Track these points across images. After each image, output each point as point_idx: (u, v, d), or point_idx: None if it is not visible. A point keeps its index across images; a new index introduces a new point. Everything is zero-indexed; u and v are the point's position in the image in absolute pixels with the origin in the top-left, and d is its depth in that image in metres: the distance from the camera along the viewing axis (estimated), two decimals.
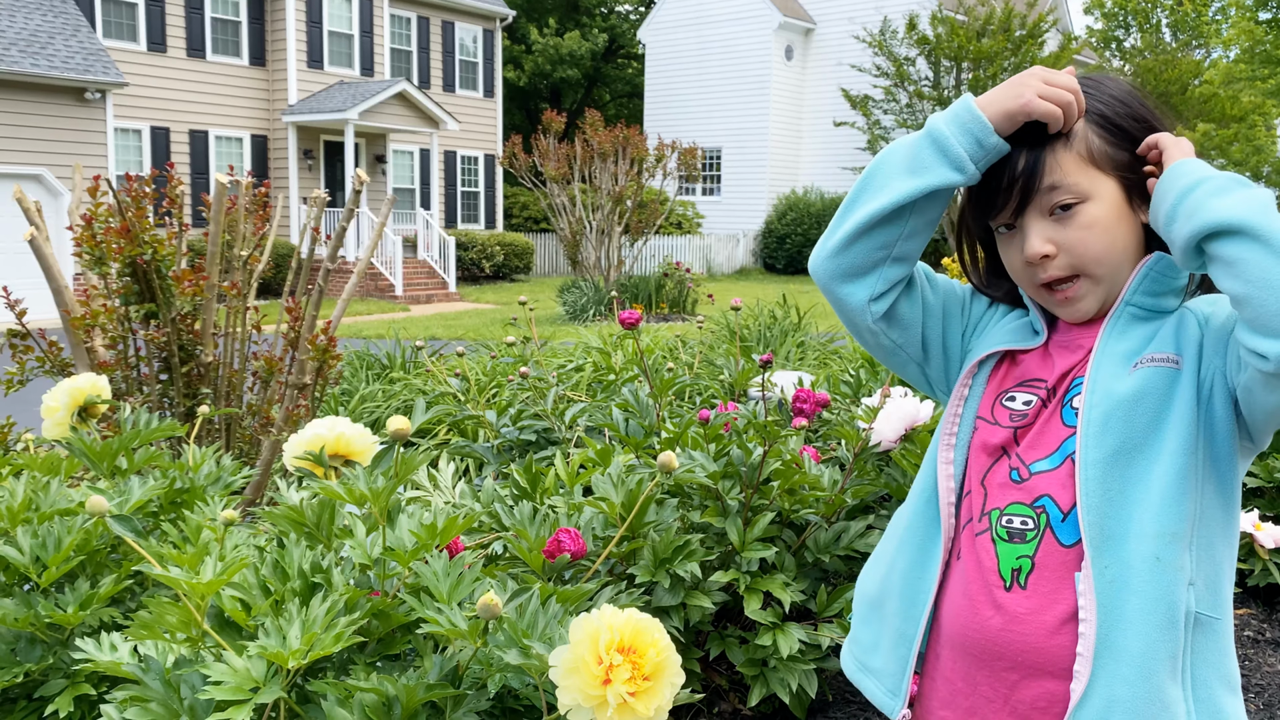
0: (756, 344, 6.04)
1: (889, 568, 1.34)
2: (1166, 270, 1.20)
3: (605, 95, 39.87)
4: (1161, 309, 1.21)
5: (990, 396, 1.29)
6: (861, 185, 1.26)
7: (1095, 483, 1.15)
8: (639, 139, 16.59)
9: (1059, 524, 1.18)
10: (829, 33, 27.19)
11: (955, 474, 1.29)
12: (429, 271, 20.83)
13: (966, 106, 1.20)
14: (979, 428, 1.28)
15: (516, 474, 2.14)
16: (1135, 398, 1.15)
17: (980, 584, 1.22)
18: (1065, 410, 1.22)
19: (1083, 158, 1.19)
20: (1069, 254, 1.19)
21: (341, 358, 3.14)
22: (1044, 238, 1.19)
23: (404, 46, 23.34)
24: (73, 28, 16.59)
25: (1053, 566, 1.17)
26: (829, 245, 1.28)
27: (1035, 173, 1.18)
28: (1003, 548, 1.21)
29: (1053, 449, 1.21)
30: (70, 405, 2.00)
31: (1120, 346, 1.19)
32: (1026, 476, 1.21)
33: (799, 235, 25.51)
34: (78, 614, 1.54)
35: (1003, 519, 1.22)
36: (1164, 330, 1.19)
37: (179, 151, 19.51)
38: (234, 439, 3.26)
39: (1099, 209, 1.19)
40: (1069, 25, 29.63)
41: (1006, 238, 1.25)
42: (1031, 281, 1.23)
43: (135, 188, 2.90)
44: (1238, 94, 26.49)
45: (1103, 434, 1.16)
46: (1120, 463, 1.15)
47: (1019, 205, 1.20)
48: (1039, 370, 1.28)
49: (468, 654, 1.38)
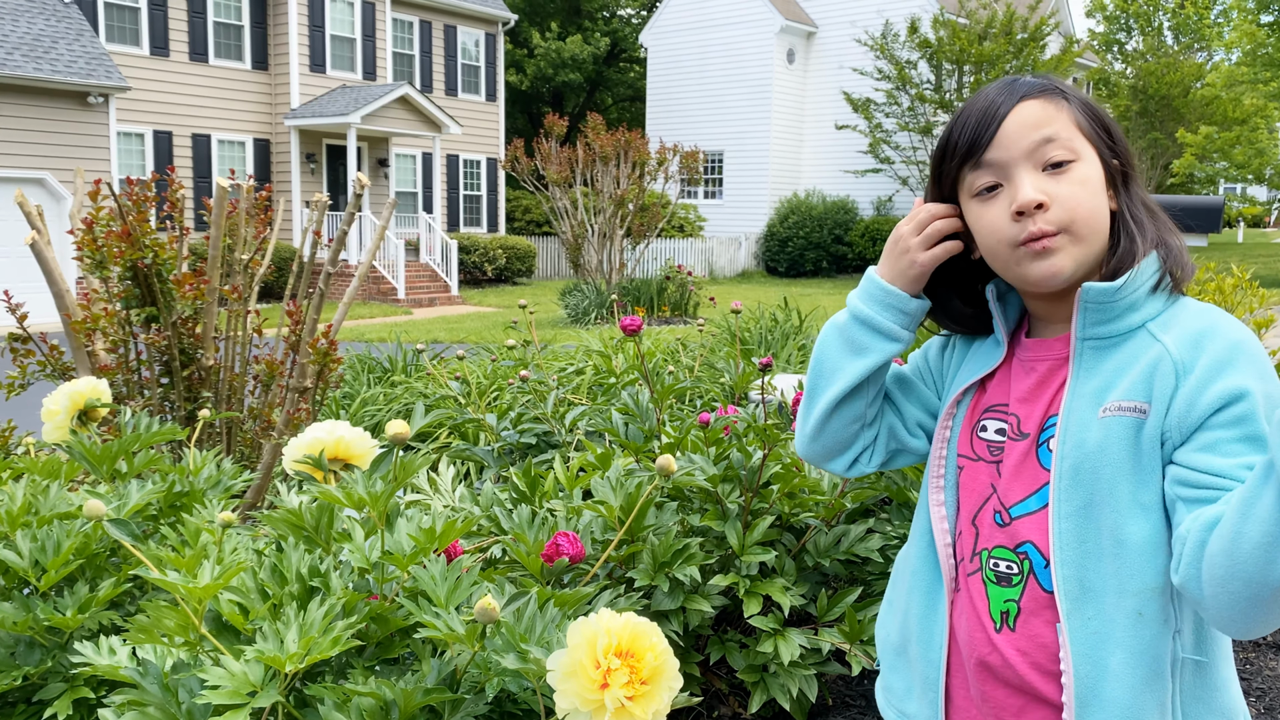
0: (758, 347, 6.04)
1: (905, 613, 1.34)
2: (1099, 297, 1.15)
3: (607, 99, 39.91)
4: (1121, 331, 1.16)
5: (966, 430, 1.28)
6: (814, 375, 1.32)
7: (1070, 535, 1.13)
8: (641, 142, 16.60)
9: (1041, 570, 1.17)
10: (830, 36, 27.21)
11: (949, 514, 1.28)
12: (431, 275, 20.85)
13: (877, 284, 1.27)
14: (964, 466, 1.27)
15: (515, 477, 2.14)
16: (1101, 449, 1.12)
17: (976, 622, 1.23)
18: (1041, 451, 1.19)
19: (1074, 123, 1.18)
20: (1061, 207, 1.14)
21: (342, 361, 3.15)
22: (1038, 188, 1.14)
23: (406, 50, 23.37)
24: (76, 32, 16.63)
25: (1038, 611, 1.17)
26: (805, 433, 1.35)
27: (1030, 120, 1.17)
28: (992, 589, 1.21)
29: (1031, 491, 1.19)
30: (70, 409, 2.01)
31: (1089, 385, 1.15)
32: (1008, 521, 1.20)
33: (801, 238, 25.50)
34: (76, 617, 1.54)
35: (990, 560, 1.22)
36: (1136, 368, 1.13)
37: (181, 155, 19.55)
38: (235, 443, 3.26)
39: (1090, 171, 1.17)
40: (1071, 28, 29.65)
41: (986, 200, 1.19)
42: (1012, 240, 1.16)
43: (136, 192, 2.90)
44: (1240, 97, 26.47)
45: (1074, 486, 1.13)
46: (1093, 515, 1.13)
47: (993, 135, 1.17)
48: (1001, 394, 1.27)
49: (466, 658, 1.38)
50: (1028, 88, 1.19)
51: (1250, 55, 23.81)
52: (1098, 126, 1.20)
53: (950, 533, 1.28)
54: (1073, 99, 1.20)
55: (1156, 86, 27.61)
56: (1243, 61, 24.98)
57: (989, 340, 1.31)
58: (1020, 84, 1.20)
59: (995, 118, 1.17)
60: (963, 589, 1.26)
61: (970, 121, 1.19)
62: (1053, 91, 1.19)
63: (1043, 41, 22.55)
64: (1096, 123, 1.20)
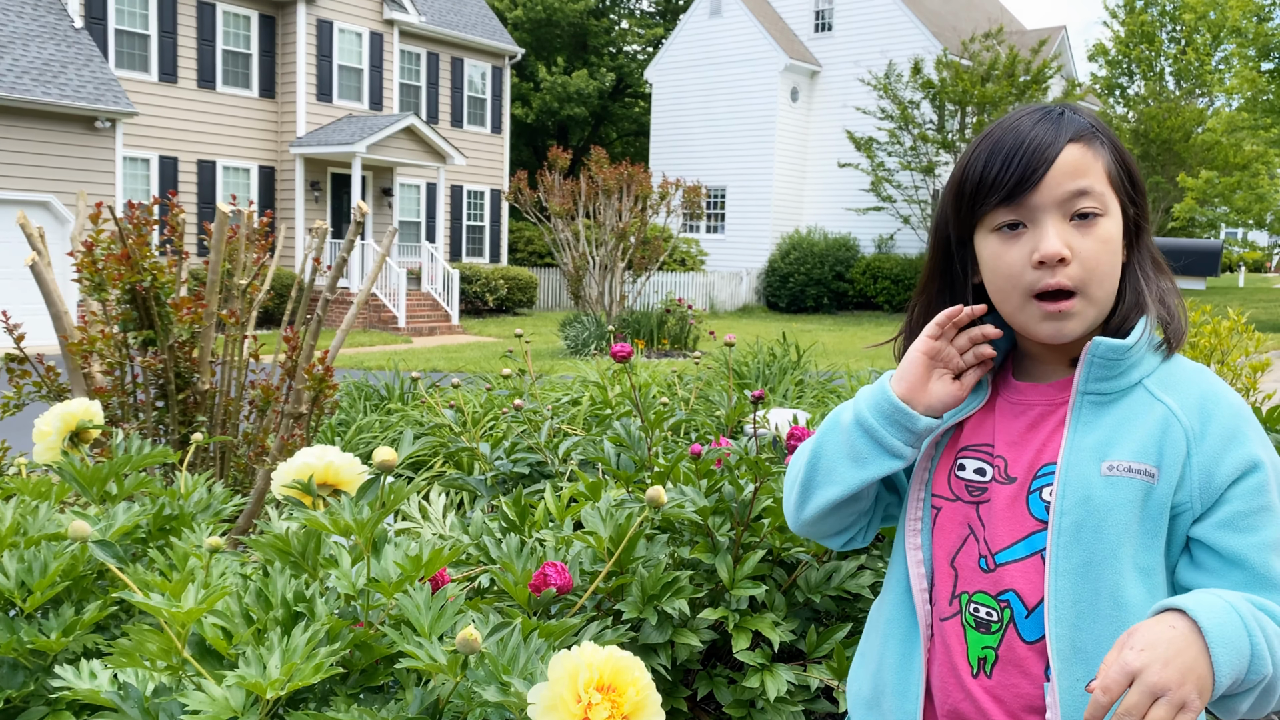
0: (755, 381, 6.05)
1: (879, 663, 1.29)
2: (1109, 354, 1.14)
3: (612, 133, 40.21)
4: (1122, 388, 1.15)
5: (943, 470, 1.26)
6: (811, 469, 1.26)
7: (1066, 593, 1.12)
8: (643, 176, 16.71)
9: (1022, 620, 1.15)
10: (834, 75, 27.47)
11: (924, 559, 1.25)
12: (432, 304, 20.90)
13: (888, 399, 1.20)
14: (941, 507, 1.25)
15: (506, 506, 2.14)
16: (1107, 509, 1.10)
17: (949, 667, 1.21)
18: (1033, 499, 1.16)
19: (1106, 173, 1.15)
20: (1082, 264, 1.11)
21: (338, 387, 3.15)
22: (1064, 240, 1.11)
23: (413, 81, 23.59)
24: (85, 57, 16.79)
25: (1015, 661, 1.16)
26: (798, 519, 1.30)
27: (1069, 167, 1.12)
28: (971, 634, 1.19)
29: (1019, 538, 1.17)
30: (62, 430, 2.01)
31: (1089, 439, 1.13)
32: (993, 567, 1.18)
33: (802, 274, 25.58)
34: (61, 640, 1.53)
35: (971, 605, 1.20)
36: (1139, 428, 1.12)
37: (186, 181, 19.67)
38: (228, 467, 3.26)
39: (1113, 228, 1.14)
40: (1073, 71, 29.93)
41: (1005, 239, 1.15)
42: (1026, 289, 1.13)
43: (137, 215, 2.92)
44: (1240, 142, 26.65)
45: (1074, 544, 1.11)
46: (1092, 575, 1.11)
47: (1031, 185, 1.12)
48: (981, 434, 1.24)
49: (448, 688, 1.37)
50: (1075, 129, 1.14)
51: (1251, 101, 24.00)
52: (1124, 175, 1.17)
53: (926, 577, 1.25)
54: (1107, 143, 1.16)
55: (1158, 131, 27.81)
56: (1243, 107, 25.18)
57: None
58: (1067, 122, 1.15)
59: (1043, 160, 1.12)
60: (938, 634, 1.23)
61: (1015, 159, 1.13)
62: (1094, 136, 1.15)
63: (1045, 84, 22.75)
64: (1124, 171, 1.17)
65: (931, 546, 1.25)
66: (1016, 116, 1.18)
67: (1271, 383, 9.53)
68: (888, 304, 25.09)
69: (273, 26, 20.89)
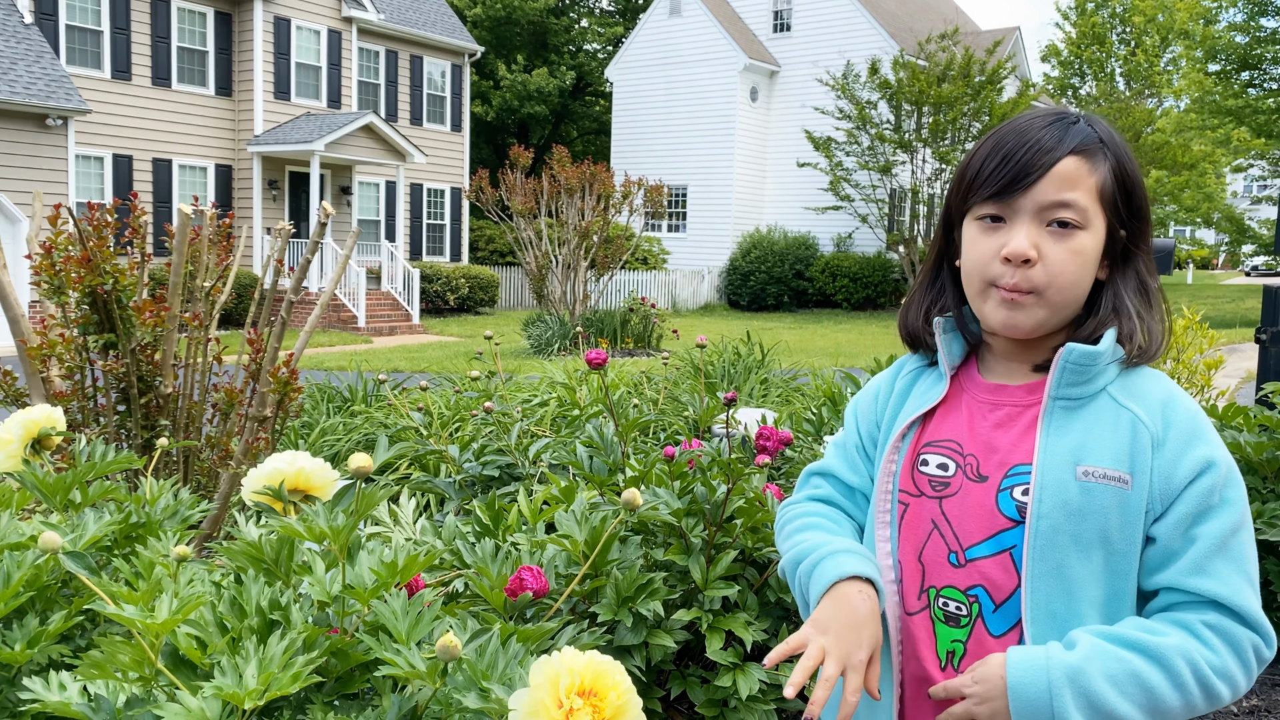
0: (721, 380, 6.07)
1: None
2: (1081, 361, 1.17)
3: (573, 131, 40.13)
4: (1089, 394, 1.18)
5: (907, 466, 1.28)
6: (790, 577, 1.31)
7: (1042, 595, 1.15)
8: (606, 175, 16.70)
9: (990, 614, 1.19)
10: (793, 75, 27.64)
11: (892, 550, 1.28)
12: (393, 303, 20.73)
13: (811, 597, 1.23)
14: (908, 503, 1.27)
15: (479, 510, 2.13)
16: (1083, 514, 1.14)
17: (917, 660, 1.24)
18: (1003, 497, 1.19)
19: (1096, 190, 1.17)
20: (1046, 269, 1.15)
21: (303, 390, 3.11)
22: (1032, 241, 1.15)
23: (372, 79, 23.38)
24: (36, 54, 16.45)
25: (983, 654, 1.18)
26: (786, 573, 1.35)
27: (1060, 177, 1.15)
28: (940, 628, 1.22)
29: (988, 535, 1.19)
30: (24, 437, 1.97)
31: (1063, 444, 1.16)
32: (964, 562, 1.21)
33: (763, 273, 25.72)
34: (25, 652, 1.50)
35: (939, 599, 1.22)
36: (1109, 434, 1.16)
37: (142, 180, 19.34)
38: (192, 472, 3.21)
39: (1089, 243, 1.16)
40: (1027, 72, 30.36)
41: (985, 229, 1.19)
42: (987, 277, 1.18)
43: (97, 217, 2.87)
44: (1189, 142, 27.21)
45: (1051, 547, 1.14)
46: (1063, 576, 1.14)
47: (1021, 188, 1.15)
48: (945, 430, 1.26)
49: (427, 694, 1.37)
50: (1079, 140, 1.17)
51: (1198, 102, 24.51)
52: (1120, 194, 1.18)
53: (894, 568, 1.27)
54: (1110, 161, 1.18)
55: None
56: (1191, 108, 25.70)
57: (932, 374, 1.32)
58: (1075, 133, 1.17)
59: (1038, 167, 1.15)
60: (906, 628, 1.25)
61: (1013, 159, 1.16)
62: (1097, 151, 1.17)
63: (1000, 85, 23.05)
64: (1122, 192, 1.19)
65: (898, 541, 1.27)
66: (1030, 117, 1.21)
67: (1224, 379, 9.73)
68: (846, 302, 25.30)
69: (229, 23, 20.61)
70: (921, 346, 1.33)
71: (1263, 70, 23.38)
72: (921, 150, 24.07)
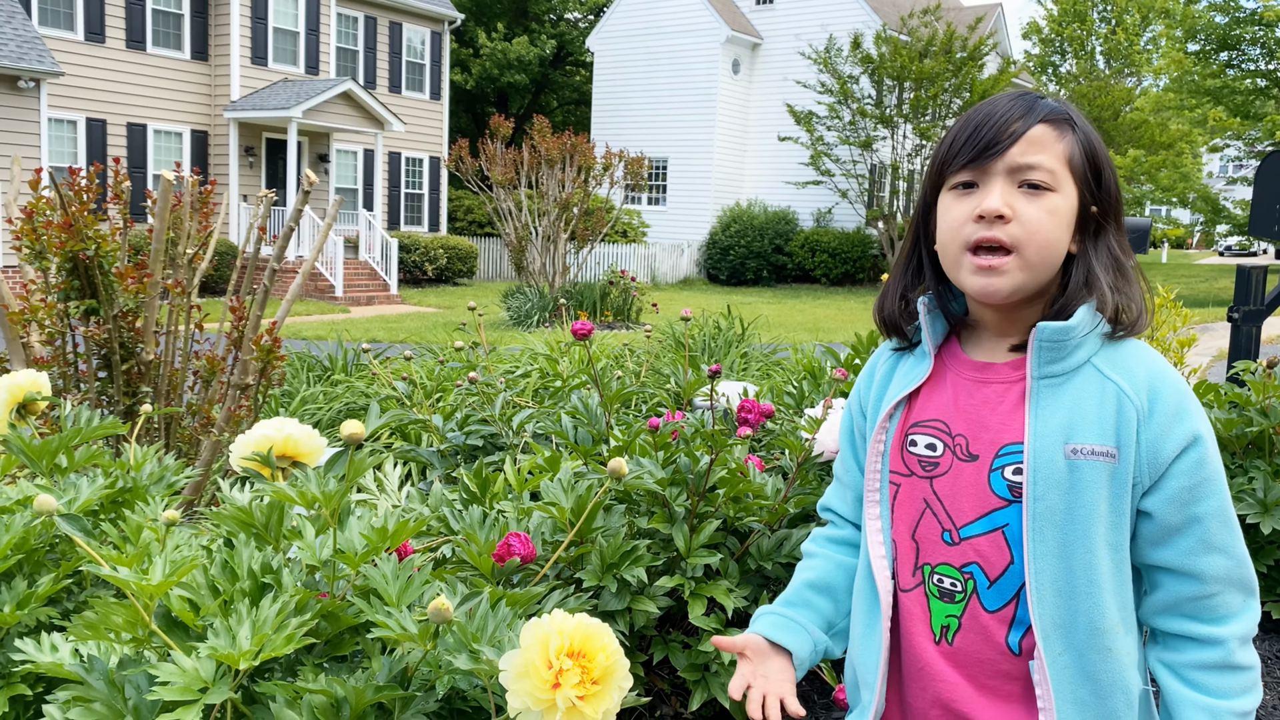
0: (701, 354, 6.09)
1: (852, 636, 1.36)
2: (1054, 338, 1.19)
3: (553, 101, 39.83)
4: (1070, 368, 1.20)
5: (896, 446, 1.30)
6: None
7: (1046, 575, 1.17)
8: (586, 147, 16.62)
9: (985, 590, 1.21)
10: (775, 48, 27.51)
11: (884, 528, 1.30)
12: (370, 273, 20.61)
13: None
14: (899, 483, 1.29)
15: (466, 478, 2.15)
16: (1074, 491, 1.16)
17: (910, 637, 1.27)
18: (994, 476, 1.21)
19: (1065, 156, 1.19)
20: (1022, 226, 1.17)
21: (285, 359, 3.12)
22: (1006, 200, 1.18)
23: (350, 46, 23.10)
24: (7, 14, 16.14)
25: (976, 629, 1.21)
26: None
27: (1028, 141, 1.18)
28: (935, 604, 1.25)
29: (981, 513, 1.22)
30: (9, 402, 1.97)
31: (1051, 422, 1.18)
32: (957, 540, 1.23)
33: (742, 247, 25.72)
34: (15, 614, 1.51)
35: (934, 576, 1.25)
36: (1094, 407, 1.18)
37: (115, 144, 19.07)
38: (173, 439, 3.21)
39: (1062, 204, 1.19)
40: (1008, 49, 30.37)
41: (958, 196, 1.22)
42: (964, 242, 1.20)
43: (78, 182, 2.85)
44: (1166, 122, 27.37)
45: (1048, 527, 1.17)
46: (1067, 555, 1.17)
47: (993, 154, 1.19)
48: (931, 409, 1.28)
49: (416, 656, 1.39)
50: (1046, 111, 1.20)
51: (1177, 82, 24.62)
52: (1090, 168, 1.21)
53: (886, 545, 1.29)
54: (1079, 134, 1.21)
55: (1088, 109, 28.45)
56: (1170, 88, 25.82)
57: (915, 353, 1.33)
58: (1041, 106, 1.21)
59: (1009, 134, 1.18)
60: (901, 604, 1.28)
61: (983, 128, 1.20)
62: (1064, 122, 1.21)
63: (981, 61, 23.06)
64: (1090, 164, 1.21)
65: (891, 520, 1.30)
66: (998, 97, 1.25)
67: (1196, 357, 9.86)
68: (825, 277, 25.36)
69: None
70: (898, 332, 1.35)
71: (1241, 50, 23.51)
72: (902, 126, 24.08)
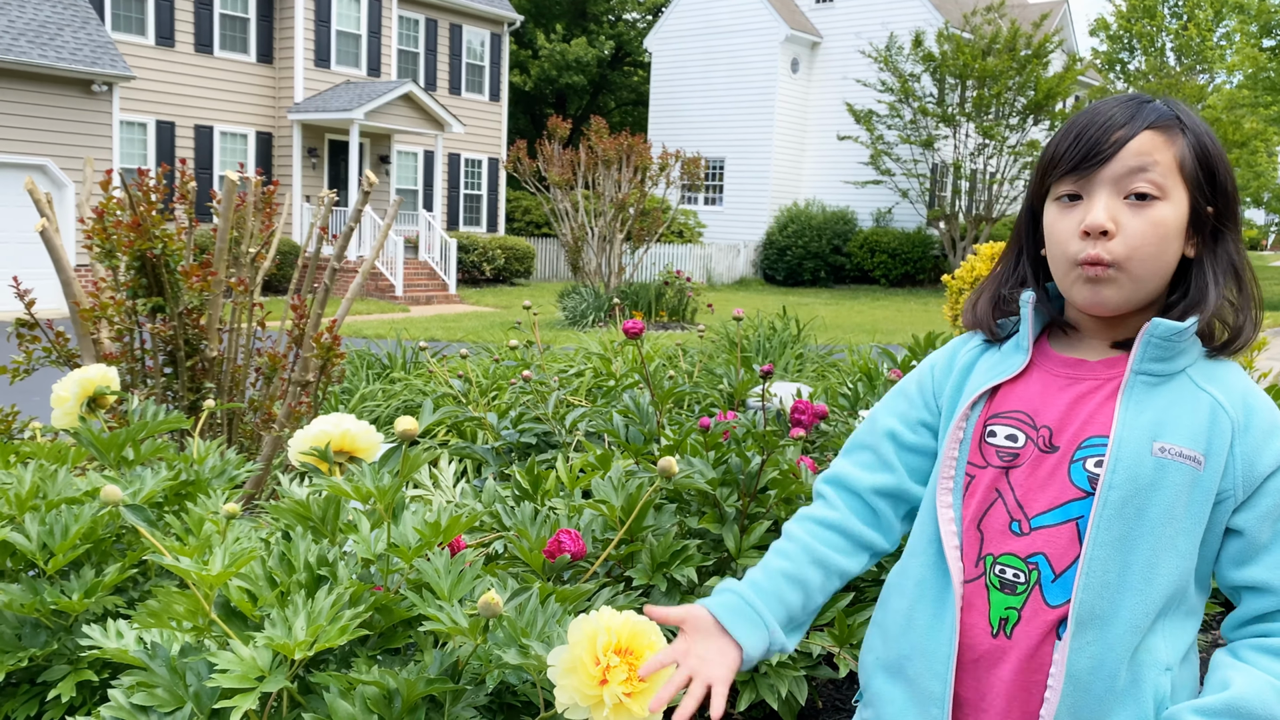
0: (756, 354, 6.07)
1: (907, 627, 1.31)
2: (1167, 335, 1.18)
3: (610, 102, 39.97)
4: (1171, 371, 1.19)
5: (975, 437, 1.29)
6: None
7: (1099, 563, 1.16)
8: (643, 147, 16.64)
9: (1049, 584, 1.19)
10: (835, 47, 27.29)
11: (955, 517, 1.28)
12: (429, 273, 20.86)
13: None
14: (975, 475, 1.28)
15: (519, 475, 2.17)
16: (1154, 488, 1.15)
17: (969, 627, 1.24)
18: (1075, 468, 1.20)
19: (1175, 162, 1.17)
20: (1126, 242, 1.16)
21: (345, 356, 3.17)
22: (1110, 214, 1.16)
23: (411, 48, 23.40)
24: (81, 20, 16.63)
25: (1036, 624, 1.19)
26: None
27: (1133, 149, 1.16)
28: (995, 595, 1.23)
29: (1055, 504, 1.20)
30: (80, 395, 2.03)
31: (1142, 418, 1.18)
32: (1027, 530, 1.22)
33: (799, 247, 25.55)
34: (83, 601, 1.56)
35: (996, 566, 1.23)
36: (1187, 414, 1.17)
37: (184, 146, 19.55)
38: (235, 434, 3.29)
39: (1170, 213, 1.17)
40: (1074, 46, 29.76)
41: (1064, 208, 1.21)
42: (1070, 257, 1.19)
43: (147, 183, 2.93)
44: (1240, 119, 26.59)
45: (1117, 518, 1.16)
46: (1126, 548, 1.16)
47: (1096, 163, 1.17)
48: (1015, 401, 1.27)
49: (467, 650, 1.41)
50: (1154, 117, 1.18)
51: (1251, 79, 23.93)
52: (1202, 170, 1.19)
53: (958, 535, 1.27)
54: (1189, 137, 1.19)
55: None
56: (1244, 84, 25.10)
57: (1004, 348, 1.33)
58: (1147, 110, 1.19)
59: (1113, 141, 1.17)
60: (962, 595, 1.26)
61: (1087, 135, 1.19)
62: (1173, 126, 1.18)
63: (1046, 59, 22.64)
64: (1203, 166, 1.19)
65: (961, 509, 1.28)
66: (1105, 100, 1.23)
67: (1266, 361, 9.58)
68: (884, 278, 25.09)
69: None
70: (987, 328, 1.35)
71: None
72: (965, 124, 23.73)
